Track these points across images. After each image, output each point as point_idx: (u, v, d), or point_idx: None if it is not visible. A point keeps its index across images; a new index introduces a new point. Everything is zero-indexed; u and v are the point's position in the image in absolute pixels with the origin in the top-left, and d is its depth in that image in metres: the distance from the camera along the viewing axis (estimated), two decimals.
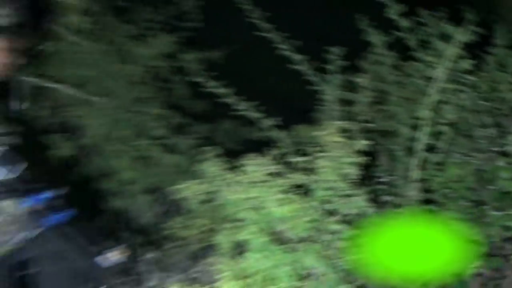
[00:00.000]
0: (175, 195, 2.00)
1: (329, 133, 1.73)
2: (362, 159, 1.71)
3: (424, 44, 1.91)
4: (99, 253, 1.59)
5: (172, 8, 2.91)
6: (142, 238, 2.38)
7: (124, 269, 2.13)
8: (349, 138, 1.75)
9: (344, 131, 1.76)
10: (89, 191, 2.67)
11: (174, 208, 2.48)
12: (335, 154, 1.68)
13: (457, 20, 1.75)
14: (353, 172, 1.68)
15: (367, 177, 2.00)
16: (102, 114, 2.48)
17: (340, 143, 1.70)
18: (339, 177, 1.66)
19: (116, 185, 2.64)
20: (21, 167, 1.51)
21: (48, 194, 1.56)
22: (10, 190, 1.52)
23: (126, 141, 2.55)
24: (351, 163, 1.68)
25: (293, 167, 1.77)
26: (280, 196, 1.68)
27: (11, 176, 1.50)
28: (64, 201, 1.56)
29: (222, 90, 2.11)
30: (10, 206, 1.47)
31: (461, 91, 1.88)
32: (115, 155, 2.53)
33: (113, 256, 1.59)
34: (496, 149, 1.86)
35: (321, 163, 1.69)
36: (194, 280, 2.07)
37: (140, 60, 2.73)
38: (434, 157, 1.88)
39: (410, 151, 1.95)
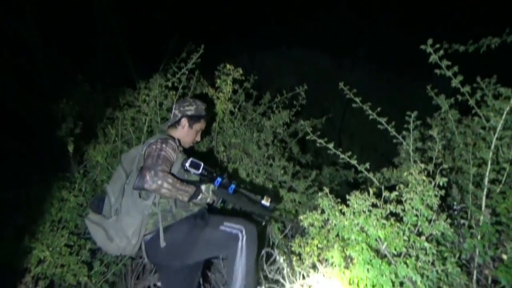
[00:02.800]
0: (298, 222, 2.41)
1: (412, 173, 1.94)
2: (439, 192, 1.89)
3: (481, 102, 2.10)
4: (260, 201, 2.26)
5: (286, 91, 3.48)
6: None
7: None
8: (428, 175, 1.94)
9: (423, 170, 1.95)
10: None
11: (298, 231, 2.77)
12: (419, 189, 1.89)
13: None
14: (434, 201, 1.87)
15: (445, 205, 2.22)
16: (246, 167, 2.97)
17: (422, 180, 1.90)
18: (423, 206, 1.87)
19: None
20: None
21: (224, 177, 2.27)
22: (210, 176, 2.26)
23: (260, 185, 2.96)
24: (431, 195, 1.88)
25: (387, 199, 1.98)
26: (379, 221, 1.92)
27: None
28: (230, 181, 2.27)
29: (324, 145, 2.40)
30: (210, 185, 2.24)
31: None
32: None
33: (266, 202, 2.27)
34: None
35: (408, 195, 1.91)
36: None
37: (268, 129, 3.29)
38: (498, 188, 2.01)
39: (477, 184, 2.11)
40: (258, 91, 3.53)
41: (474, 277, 1.98)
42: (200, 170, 2.23)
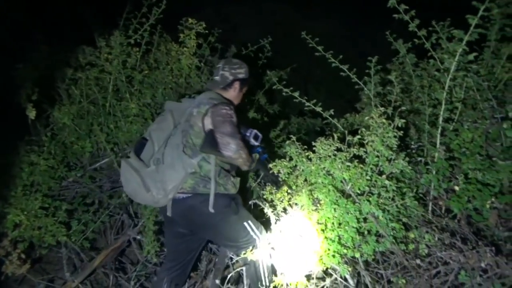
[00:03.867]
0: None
1: (373, 116, 1.99)
2: (398, 133, 1.95)
3: (437, 46, 2.12)
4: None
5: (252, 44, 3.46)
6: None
7: None
8: (388, 118, 1.99)
9: (383, 114, 1.99)
10: None
11: (268, 179, 2.74)
12: (379, 131, 1.95)
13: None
14: (393, 142, 1.94)
15: (403, 145, 2.30)
16: None
17: (382, 123, 1.96)
18: (384, 147, 1.94)
19: None
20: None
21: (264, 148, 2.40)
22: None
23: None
24: (391, 137, 1.95)
25: (350, 143, 2.05)
26: (344, 164, 2.00)
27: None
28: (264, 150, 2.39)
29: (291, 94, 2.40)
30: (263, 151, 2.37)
31: (467, 76, 2.07)
32: None
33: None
34: (496, 116, 2.02)
35: (370, 138, 1.97)
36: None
37: None
38: (451, 126, 2.10)
39: (432, 123, 2.18)
40: (224, 44, 3.47)
41: (430, 208, 2.10)
42: (259, 142, 2.33)
